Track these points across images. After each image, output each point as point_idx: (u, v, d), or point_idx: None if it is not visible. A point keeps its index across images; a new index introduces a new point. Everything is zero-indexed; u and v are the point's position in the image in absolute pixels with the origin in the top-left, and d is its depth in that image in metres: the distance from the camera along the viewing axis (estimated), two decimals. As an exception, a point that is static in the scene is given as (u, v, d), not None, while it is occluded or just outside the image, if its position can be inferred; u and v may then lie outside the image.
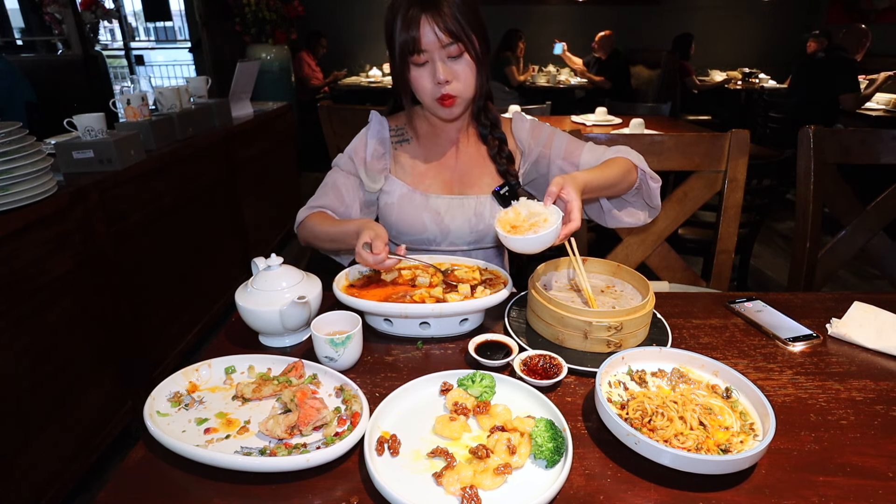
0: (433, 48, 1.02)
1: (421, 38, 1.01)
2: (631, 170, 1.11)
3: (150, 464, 0.69)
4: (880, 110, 4.19)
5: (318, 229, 1.11)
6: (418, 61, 1.05)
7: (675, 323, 1.01)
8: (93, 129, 1.75)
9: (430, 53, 1.03)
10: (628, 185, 1.12)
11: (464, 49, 1.03)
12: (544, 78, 5.76)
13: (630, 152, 1.14)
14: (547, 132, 1.22)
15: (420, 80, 1.07)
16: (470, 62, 1.05)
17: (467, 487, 0.62)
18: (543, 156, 1.21)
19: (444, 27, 1.00)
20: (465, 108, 1.13)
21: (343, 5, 6.32)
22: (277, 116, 3.28)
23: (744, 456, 0.63)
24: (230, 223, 2.68)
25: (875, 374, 0.88)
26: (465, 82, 1.07)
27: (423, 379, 0.80)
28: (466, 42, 1.02)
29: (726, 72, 6.03)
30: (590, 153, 1.17)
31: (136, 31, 7.71)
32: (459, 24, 1.01)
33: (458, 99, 1.08)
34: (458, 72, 1.05)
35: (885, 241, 1.46)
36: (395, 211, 1.18)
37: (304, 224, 1.15)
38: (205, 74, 3.19)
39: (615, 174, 1.07)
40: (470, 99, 1.11)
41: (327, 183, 1.20)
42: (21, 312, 1.38)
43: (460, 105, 1.10)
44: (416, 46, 1.02)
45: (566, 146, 1.19)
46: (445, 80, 1.04)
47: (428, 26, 1.00)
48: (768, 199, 2.31)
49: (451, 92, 1.06)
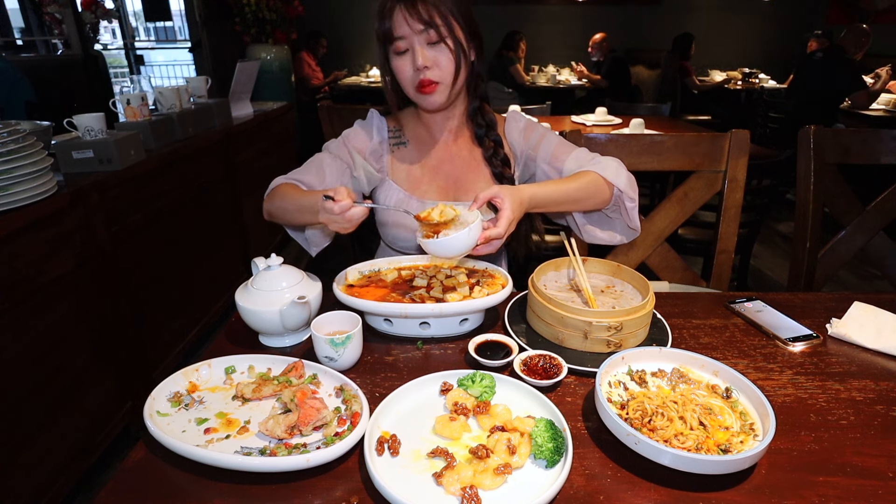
0: (409, 35, 1.03)
1: (394, 27, 1.03)
2: (601, 187, 1.06)
3: (150, 464, 0.69)
4: (880, 110, 4.19)
5: (287, 196, 1.07)
6: (398, 49, 1.05)
7: (675, 323, 1.01)
8: (93, 129, 1.75)
9: (408, 40, 1.04)
10: (598, 203, 1.08)
11: (442, 35, 1.03)
12: (544, 78, 5.77)
13: (610, 168, 1.08)
14: (538, 133, 1.20)
15: (402, 69, 1.07)
16: (449, 49, 1.05)
17: (467, 487, 0.62)
18: (531, 158, 1.20)
19: (417, 15, 1.01)
20: (448, 97, 1.10)
21: (343, 5, 6.33)
22: (277, 116, 3.28)
23: (744, 456, 0.63)
24: (230, 223, 2.68)
25: (875, 374, 0.88)
26: (444, 69, 1.06)
27: (423, 379, 0.80)
28: (444, 28, 1.02)
29: (726, 72, 6.04)
30: (574, 161, 1.13)
31: (136, 31, 7.70)
32: (436, 10, 1.02)
33: (439, 86, 1.07)
34: (438, 58, 1.05)
35: (885, 241, 1.46)
36: (391, 217, 1.19)
37: (275, 190, 1.10)
38: (205, 74, 3.18)
39: (576, 189, 1.04)
40: (451, 86, 1.09)
41: (312, 161, 1.17)
42: (21, 312, 1.38)
43: (442, 92, 1.08)
44: (391, 33, 1.04)
45: (554, 149, 1.17)
46: (424, 66, 1.04)
47: (401, 14, 1.02)
48: (768, 199, 2.31)
49: (431, 77, 1.05)
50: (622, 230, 1.15)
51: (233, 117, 2.78)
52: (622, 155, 1.41)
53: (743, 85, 5.76)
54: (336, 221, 0.90)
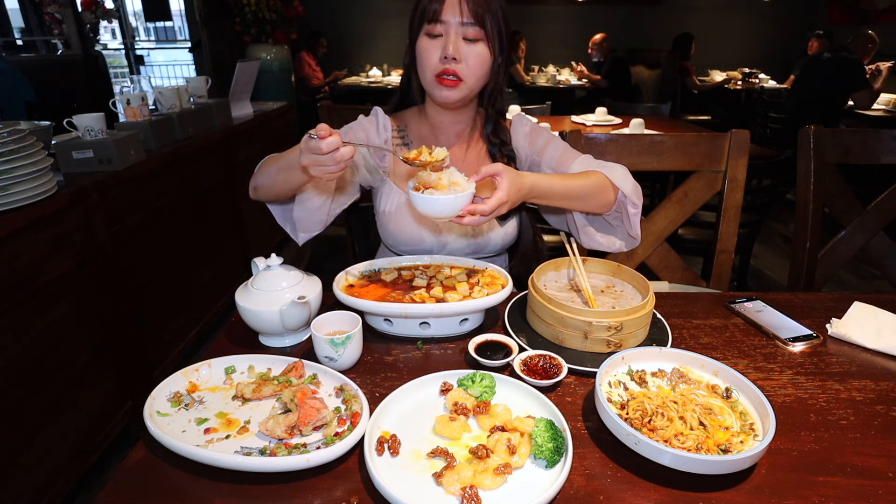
0: (452, 21, 1.00)
1: (443, 9, 0.99)
2: (606, 188, 1.04)
3: (150, 464, 0.69)
4: (880, 110, 4.19)
5: (270, 160, 1.04)
6: (433, 31, 1.02)
7: (675, 323, 1.01)
8: (93, 129, 1.75)
9: (446, 26, 1.00)
10: (601, 204, 1.05)
11: (483, 36, 1.01)
12: (544, 78, 5.77)
13: (617, 171, 1.05)
14: (544, 139, 1.18)
15: (428, 51, 1.03)
16: (485, 52, 1.02)
17: (467, 487, 0.62)
18: (535, 163, 1.18)
19: (471, 8, 0.98)
20: (464, 98, 1.07)
21: (343, 5, 6.33)
22: (277, 116, 3.28)
23: (744, 456, 0.63)
24: (230, 223, 2.68)
25: (875, 374, 0.88)
26: (472, 69, 1.03)
27: (423, 379, 0.80)
28: (489, 28, 1.00)
29: (726, 72, 6.04)
30: (580, 166, 1.11)
31: (136, 31, 7.70)
32: (487, 9, 0.99)
33: (461, 84, 1.03)
34: (470, 57, 1.02)
35: (885, 241, 1.46)
36: (393, 221, 1.16)
37: (261, 165, 1.07)
38: (205, 74, 3.18)
39: (580, 186, 1.02)
40: (472, 90, 1.06)
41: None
42: (21, 312, 1.38)
43: (461, 91, 1.04)
44: (436, 14, 1.00)
45: (560, 155, 1.15)
46: (453, 57, 1.00)
47: (455, 0, 0.99)
48: (768, 199, 2.31)
49: (456, 70, 1.02)
50: (622, 237, 1.12)
51: (233, 117, 2.78)
52: (622, 155, 1.42)
53: (743, 85, 5.76)
54: (322, 163, 0.82)
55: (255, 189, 1.08)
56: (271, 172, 1.02)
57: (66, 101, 3.26)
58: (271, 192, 1.05)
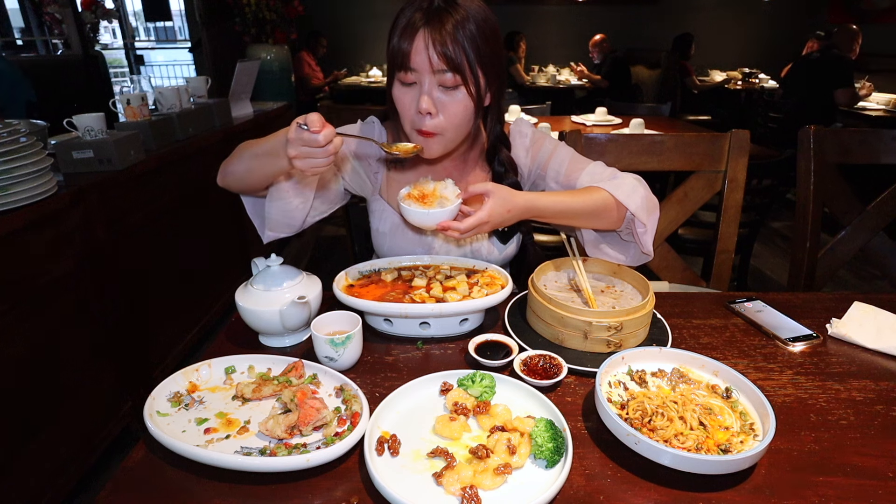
0: (424, 70, 0.88)
1: (412, 54, 0.87)
2: (610, 207, 0.96)
3: (150, 464, 0.69)
4: (880, 110, 4.19)
5: (246, 146, 0.95)
6: (405, 80, 0.91)
7: (675, 323, 1.01)
8: (93, 129, 1.75)
9: (419, 75, 0.89)
10: (606, 223, 0.99)
11: (461, 82, 0.89)
12: (544, 78, 5.77)
13: (624, 186, 0.97)
14: (547, 151, 1.10)
15: (402, 102, 0.93)
16: (466, 99, 0.91)
17: (467, 487, 0.62)
18: (540, 178, 1.11)
19: (441, 50, 0.86)
20: (448, 148, 0.99)
21: (343, 5, 6.33)
22: (277, 116, 3.27)
23: (744, 456, 0.63)
24: (230, 223, 2.68)
25: (875, 374, 0.88)
26: (452, 120, 0.92)
27: (423, 379, 0.80)
28: (467, 75, 0.88)
29: (726, 72, 6.04)
30: (588, 177, 1.03)
31: (136, 31, 7.71)
32: (463, 53, 0.87)
33: (440, 137, 0.94)
34: (448, 106, 0.91)
35: (885, 241, 1.46)
36: (388, 241, 1.13)
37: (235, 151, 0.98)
38: (205, 74, 3.18)
39: (581, 205, 0.95)
40: (455, 140, 0.98)
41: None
42: (21, 312, 1.38)
43: (440, 143, 0.96)
44: (405, 61, 0.88)
45: (567, 167, 1.07)
46: (427, 112, 0.90)
47: (423, 42, 0.86)
48: (768, 199, 2.31)
49: (431, 129, 0.92)
50: (634, 253, 1.04)
51: (233, 117, 2.77)
52: (622, 155, 1.42)
53: (743, 85, 5.76)
54: (313, 155, 0.77)
55: (225, 175, 0.99)
56: (246, 159, 0.94)
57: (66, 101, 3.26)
58: (244, 181, 0.97)
